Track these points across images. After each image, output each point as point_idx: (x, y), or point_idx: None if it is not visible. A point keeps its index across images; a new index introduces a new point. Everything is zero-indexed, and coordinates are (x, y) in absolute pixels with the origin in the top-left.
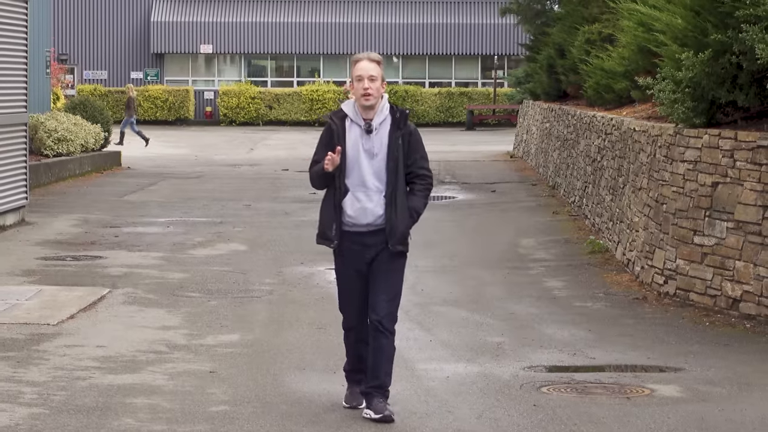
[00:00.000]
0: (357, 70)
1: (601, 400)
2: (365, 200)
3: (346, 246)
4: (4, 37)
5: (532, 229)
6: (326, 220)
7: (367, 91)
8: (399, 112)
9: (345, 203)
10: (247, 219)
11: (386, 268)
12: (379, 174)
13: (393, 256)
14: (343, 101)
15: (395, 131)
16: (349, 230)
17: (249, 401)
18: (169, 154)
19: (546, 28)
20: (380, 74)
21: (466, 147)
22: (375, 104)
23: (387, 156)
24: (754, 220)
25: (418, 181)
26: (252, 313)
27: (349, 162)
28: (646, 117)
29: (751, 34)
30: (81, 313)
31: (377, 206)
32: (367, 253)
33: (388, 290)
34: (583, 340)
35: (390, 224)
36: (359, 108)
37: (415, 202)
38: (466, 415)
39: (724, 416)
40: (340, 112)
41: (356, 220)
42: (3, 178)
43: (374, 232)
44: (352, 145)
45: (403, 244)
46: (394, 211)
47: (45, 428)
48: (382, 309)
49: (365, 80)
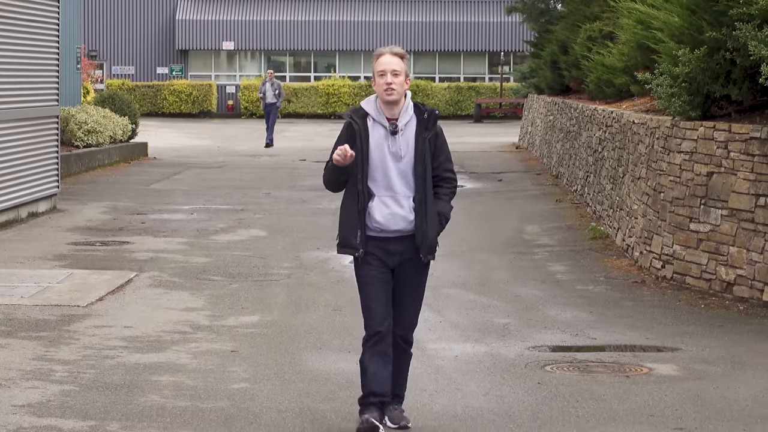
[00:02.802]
0: (379, 64)
1: (601, 378)
2: (394, 206)
3: (371, 251)
4: (37, 35)
5: (536, 216)
6: (349, 227)
7: (391, 86)
8: (427, 112)
9: (372, 208)
10: (267, 206)
11: (414, 282)
12: (406, 177)
13: (420, 266)
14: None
15: (422, 132)
16: (375, 236)
17: (268, 379)
18: (193, 145)
19: (550, 26)
20: (404, 69)
21: (474, 138)
22: (398, 101)
23: (414, 159)
24: (747, 208)
25: (445, 185)
26: (271, 295)
27: (372, 164)
28: (644, 110)
29: (744, 31)
30: (109, 296)
31: (408, 212)
32: (390, 259)
33: (414, 305)
34: (584, 321)
35: (420, 232)
36: (382, 106)
37: (443, 207)
38: (474, 392)
39: (719, 393)
40: (360, 110)
41: (385, 226)
42: (36, 167)
43: (401, 238)
44: (376, 147)
45: (433, 254)
46: (425, 219)
47: (75, 404)
48: (404, 321)
49: (388, 75)
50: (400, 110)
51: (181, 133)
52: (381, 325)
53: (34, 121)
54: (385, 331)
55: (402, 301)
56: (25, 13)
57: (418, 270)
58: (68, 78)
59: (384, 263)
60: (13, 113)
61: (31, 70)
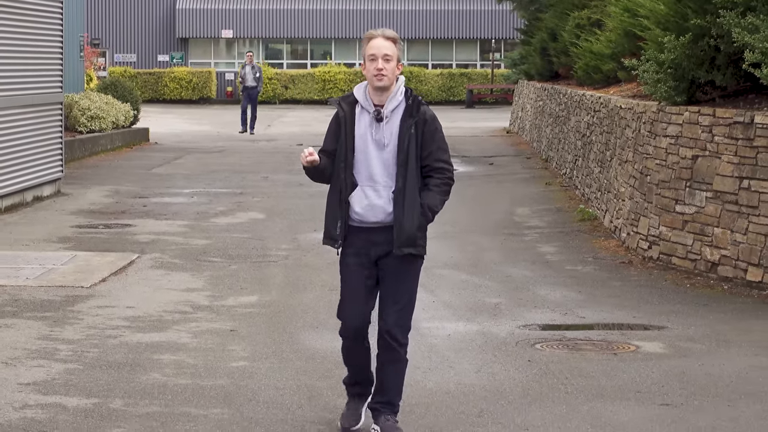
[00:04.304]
0: (370, 48)
1: (590, 356)
2: (374, 196)
3: (352, 241)
4: (42, 24)
5: (526, 199)
6: (331, 218)
7: (381, 72)
8: (412, 98)
9: (353, 199)
10: (265, 190)
11: (395, 273)
12: (388, 167)
13: (402, 259)
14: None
15: (407, 119)
16: (357, 226)
17: (267, 357)
18: (193, 131)
19: (539, 14)
20: (396, 54)
21: (466, 123)
22: (388, 87)
23: (397, 147)
24: (730, 190)
25: (436, 175)
26: (269, 276)
27: (357, 153)
28: (631, 95)
29: (728, 19)
30: (112, 277)
31: (387, 203)
32: (373, 250)
33: (397, 297)
34: (573, 300)
35: (398, 224)
36: (371, 91)
37: (430, 198)
38: (466, 370)
39: (704, 370)
40: (350, 97)
41: (364, 217)
42: (41, 152)
43: (382, 229)
44: (361, 135)
45: (412, 247)
46: (402, 210)
47: (79, 382)
48: (390, 318)
49: (379, 60)
50: (389, 96)
51: (181, 118)
52: (356, 320)
53: (38, 108)
54: (360, 328)
55: (385, 294)
56: (29, 3)
57: (400, 262)
58: (72, 65)
59: (367, 255)
60: (18, 100)
61: (35, 58)
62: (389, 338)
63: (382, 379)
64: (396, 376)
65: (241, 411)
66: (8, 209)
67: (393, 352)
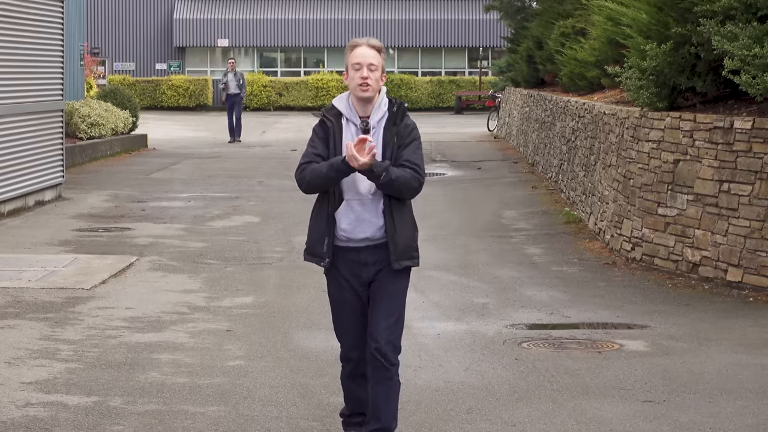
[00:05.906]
0: (355, 56)
1: (575, 354)
2: (361, 210)
3: (340, 265)
4: (43, 34)
5: (513, 202)
6: (316, 234)
7: (366, 81)
8: (396, 105)
9: (339, 215)
10: (260, 194)
11: (387, 290)
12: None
13: (395, 274)
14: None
15: (390, 127)
16: (344, 245)
17: (262, 356)
18: (190, 137)
19: (525, 23)
20: (381, 63)
21: (455, 129)
22: (373, 98)
23: (382, 157)
24: (711, 193)
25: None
26: (264, 278)
27: None
28: (614, 102)
29: (708, 27)
30: (112, 279)
31: (376, 216)
32: (364, 272)
33: (388, 314)
34: (559, 300)
35: (390, 237)
36: (354, 102)
37: (398, 171)
38: (455, 368)
39: (686, 368)
40: (333, 110)
41: (351, 234)
42: (42, 158)
43: (373, 248)
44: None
45: (408, 259)
46: (393, 222)
47: (80, 381)
48: (381, 336)
49: (364, 69)
50: (373, 107)
51: (179, 125)
52: (353, 350)
53: (40, 115)
54: (357, 358)
55: (375, 311)
56: (31, 13)
57: (393, 277)
58: (72, 74)
59: (358, 279)
60: (20, 107)
61: (37, 67)
62: (379, 356)
63: (373, 403)
64: (389, 400)
65: (237, 408)
66: (11, 213)
67: (384, 371)
